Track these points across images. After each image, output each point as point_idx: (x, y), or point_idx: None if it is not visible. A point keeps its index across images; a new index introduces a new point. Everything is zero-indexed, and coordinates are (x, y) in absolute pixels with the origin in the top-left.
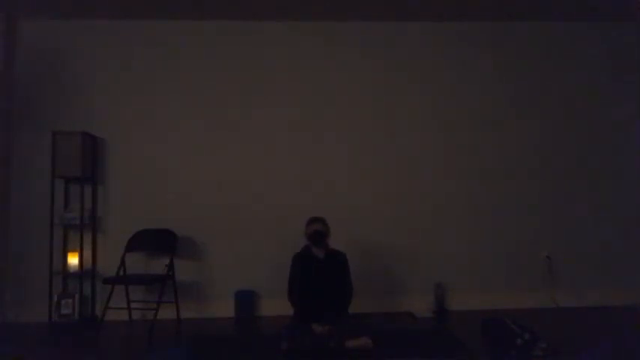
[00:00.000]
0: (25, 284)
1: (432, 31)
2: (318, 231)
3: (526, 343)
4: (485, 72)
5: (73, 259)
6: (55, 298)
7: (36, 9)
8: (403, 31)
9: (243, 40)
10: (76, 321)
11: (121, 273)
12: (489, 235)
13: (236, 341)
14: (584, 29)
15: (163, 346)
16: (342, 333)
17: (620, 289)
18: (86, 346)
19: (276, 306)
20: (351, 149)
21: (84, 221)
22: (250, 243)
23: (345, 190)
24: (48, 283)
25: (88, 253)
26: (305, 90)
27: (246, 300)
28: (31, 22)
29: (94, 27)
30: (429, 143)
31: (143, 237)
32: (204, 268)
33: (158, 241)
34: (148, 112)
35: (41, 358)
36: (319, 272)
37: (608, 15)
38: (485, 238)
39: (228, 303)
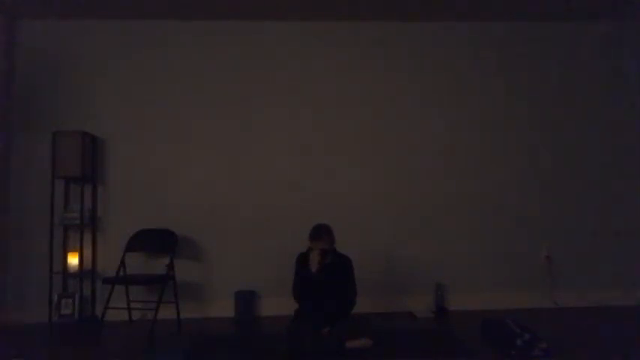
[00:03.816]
0: (25, 284)
1: (433, 31)
2: (320, 250)
3: (526, 343)
4: (486, 72)
5: (73, 259)
6: (55, 298)
7: (36, 9)
8: (403, 31)
9: (244, 40)
10: (76, 321)
11: (121, 273)
12: (489, 235)
13: (236, 341)
14: (584, 29)
15: (163, 346)
16: (342, 333)
17: (620, 289)
18: (86, 346)
19: (276, 306)
20: (351, 149)
21: (84, 221)
22: (250, 243)
23: (345, 190)
24: (48, 283)
25: (88, 253)
26: (305, 90)
27: (246, 300)
28: (31, 22)
29: (94, 27)
30: (430, 143)
31: (143, 237)
32: (204, 268)
33: (158, 241)
34: (148, 112)
35: (41, 358)
36: (319, 278)
37: (608, 15)
38: (485, 238)
39: (228, 303)
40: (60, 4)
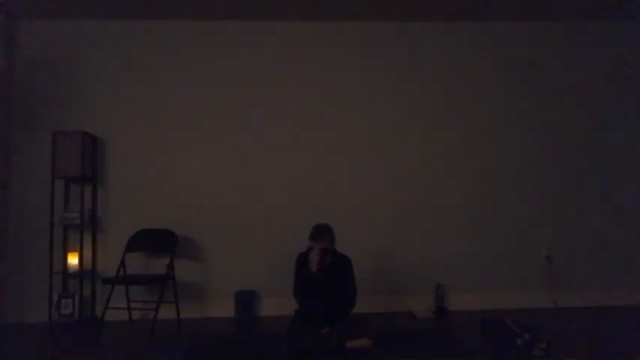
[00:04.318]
0: (25, 284)
1: (433, 31)
2: (320, 249)
3: (526, 343)
4: (485, 72)
5: (73, 259)
6: (55, 298)
7: (36, 9)
8: (403, 31)
9: (244, 40)
10: (76, 321)
11: (121, 273)
12: (489, 235)
13: (236, 341)
14: (584, 29)
15: (163, 346)
16: (342, 333)
17: (620, 289)
18: (86, 346)
19: (276, 306)
20: (351, 149)
21: (84, 221)
22: (250, 243)
23: (346, 190)
24: (48, 283)
25: (88, 253)
26: (305, 90)
27: (246, 300)
28: (31, 22)
29: (94, 27)
30: (430, 143)
31: (143, 237)
32: (204, 268)
33: (158, 241)
34: (148, 112)
35: (41, 358)
36: (319, 278)
37: (608, 15)
38: (485, 239)
39: (228, 303)
40: (60, 4)
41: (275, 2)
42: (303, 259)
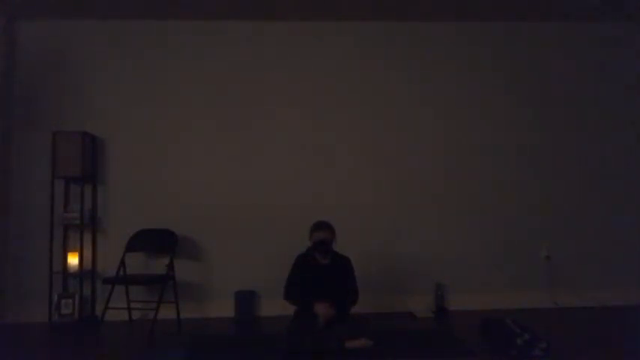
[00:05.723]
0: (25, 284)
1: (433, 31)
2: (321, 241)
3: (526, 343)
4: (485, 72)
5: (73, 259)
6: (55, 298)
7: (36, 9)
8: (403, 31)
9: (244, 40)
10: (76, 321)
11: (121, 273)
12: (489, 235)
13: (236, 341)
14: (585, 29)
15: (163, 346)
16: (342, 333)
17: (620, 289)
18: (86, 346)
19: (276, 306)
20: (351, 149)
21: (84, 221)
22: (250, 243)
23: (346, 190)
24: (48, 283)
25: (88, 253)
26: (305, 90)
27: (246, 300)
28: (31, 22)
29: (94, 27)
30: (430, 143)
31: (143, 237)
32: (204, 268)
33: (158, 241)
34: (148, 112)
35: (41, 358)
36: (320, 279)
37: (608, 15)
38: (486, 238)
39: (228, 303)
40: (60, 4)
41: (275, 2)
42: (302, 260)
